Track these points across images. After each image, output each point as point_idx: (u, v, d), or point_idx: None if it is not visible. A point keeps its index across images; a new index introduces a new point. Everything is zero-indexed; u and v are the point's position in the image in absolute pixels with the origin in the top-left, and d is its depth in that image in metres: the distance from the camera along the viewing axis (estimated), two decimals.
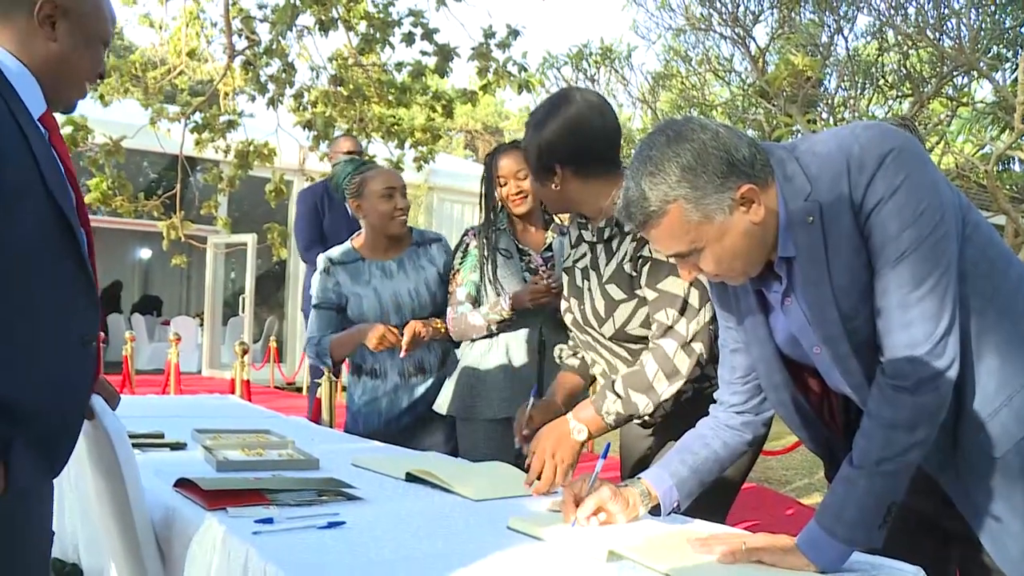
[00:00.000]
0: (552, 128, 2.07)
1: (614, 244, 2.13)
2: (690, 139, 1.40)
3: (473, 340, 2.90)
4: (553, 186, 2.11)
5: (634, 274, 2.08)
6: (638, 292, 2.07)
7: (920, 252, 1.34)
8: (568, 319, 2.28)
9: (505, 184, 2.84)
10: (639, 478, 1.72)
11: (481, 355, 2.87)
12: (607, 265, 2.13)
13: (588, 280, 2.18)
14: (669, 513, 1.71)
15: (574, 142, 2.06)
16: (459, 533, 1.58)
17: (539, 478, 1.96)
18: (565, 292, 2.29)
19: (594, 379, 2.34)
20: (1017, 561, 1.44)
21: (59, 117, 6.26)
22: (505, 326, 2.83)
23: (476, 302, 2.90)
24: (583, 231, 2.24)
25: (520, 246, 2.91)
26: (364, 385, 3.07)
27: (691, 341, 1.97)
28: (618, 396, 2.01)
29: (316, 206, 4.88)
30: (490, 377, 2.84)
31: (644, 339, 2.09)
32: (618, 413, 2.00)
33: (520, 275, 2.85)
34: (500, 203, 2.89)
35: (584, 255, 2.23)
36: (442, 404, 2.92)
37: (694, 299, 1.99)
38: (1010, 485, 1.43)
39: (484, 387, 2.83)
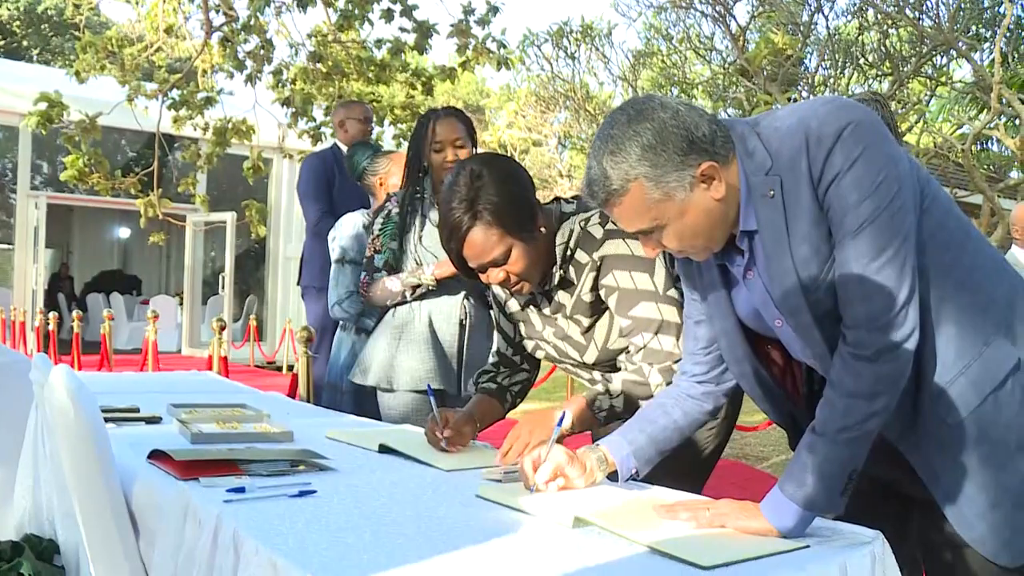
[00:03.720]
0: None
1: (571, 283, 2.07)
2: (650, 118, 1.41)
3: (388, 306, 2.88)
4: (539, 231, 1.98)
5: (594, 300, 2.04)
6: (603, 308, 2.06)
7: (878, 223, 1.36)
8: (540, 355, 2.25)
9: (441, 151, 2.78)
10: (597, 444, 1.74)
11: (403, 324, 2.85)
12: (570, 299, 2.07)
13: (554, 323, 2.13)
14: (627, 480, 1.74)
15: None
16: (429, 501, 1.60)
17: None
18: (524, 332, 2.23)
19: (513, 405, 2.31)
20: (974, 524, 1.47)
21: (34, 95, 6.21)
22: (422, 294, 2.80)
23: (393, 271, 2.85)
24: (536, 292, 2.14)
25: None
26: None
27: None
28: (613, 396, 2.01)
29: (326, 173, 4.60)
30: (412, 348, 2.82)
31: (623, 351, 2.09)
32: (612, 409, 2.00)
33: None
34: (428, 168, 2.83)
35: (540, 305, 2.15)
36: (362, 375, 2.92)
37: (672, 316, 1.97)
38: (967, 451, 1.46)
39: (406, 358, 2.81)
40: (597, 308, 2.06)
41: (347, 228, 3.29)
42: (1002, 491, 1.46)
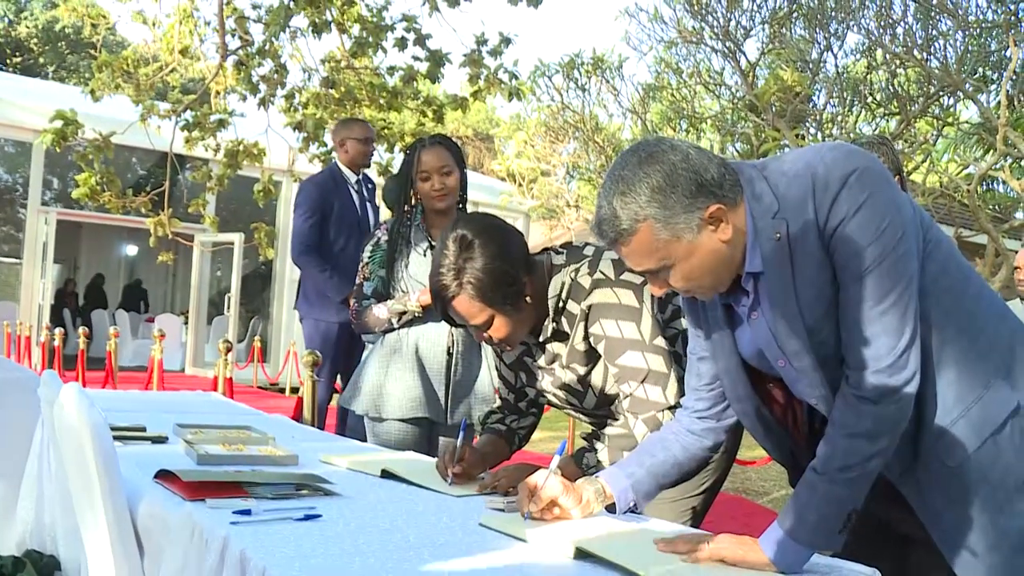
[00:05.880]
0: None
1: (565, 334, 2.09)
2: (661, 160, 1.45)
3: (376, 333, 2.91)
4: (524, 302, 2.01)
5: (588, 349, 2.07)
6: (598, 356, 2.08)
7: (882, 268, 1.39)
8: (543, 401, 2.29)
9: (428, 179, 2.83)
10: (596, 476, 1.76)
11: (391, 351, 2.88)
12: (565, 349, 2.10)
13: (552, 372, 2.16)
14: (625, 512, 1.75)
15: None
16: (432, 527, 1.62)
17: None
18: (525, 380, 2.26)
19: (519, 447, 2.34)
20: (972, 566, 1.49)
21: (50, 111, 6.26)
22: (408, 321, 2.84)
23: (382, 298, 2.89)
24: (529, 344, 2.19)
25: (434, 244, 2.81)
26: None
27: (674, 406, 1.96)
28: (599, 451, 2.05)
29: (322, 203, 4.45)
30: (399, 375, 2.85)
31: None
32: (599, 464, 2.03)
33: None
34: (417, 198, 2.88)
35: (536, 357, 2.18)
36: (350, 401, 2.95)
37: (659, 365, 1.99)
38: (966, 493, 1.48)
39: (393, 386, 2.85)
40: (592, 356, 2.08)
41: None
42: (1001, 534, 1.47)
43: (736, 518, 5.12)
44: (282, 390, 12.07)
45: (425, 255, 2.84)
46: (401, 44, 7.57)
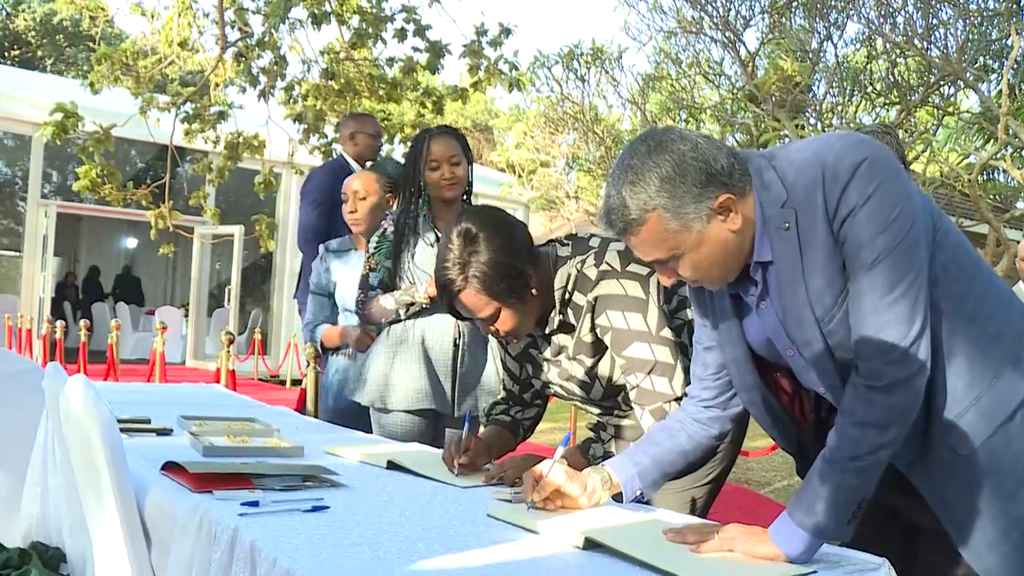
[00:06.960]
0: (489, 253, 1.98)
1: (571, 326, 2.09)
2: (670, 150, 1.44)
3: (384, 323, 2.92)
4: (530, 294, 2.01)
5: (595, 340, 2.07)
6: (605, 347, 2.08)
7: (892, 257, 1.38)
8: (549, 392, 2.29)
9: (437, 168, 2.83)
10: (603, 465, 1.76)
11: (397, 342, 2.88)
12: (571, 341, 2.10)
13: (558, 364, 2.15)
14: (632, 501, 1.76)
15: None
16: (439, 519, 1.62)
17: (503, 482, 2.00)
18: (531, 371, 2.26)
19: (524, 438, 2.34)
20: (983, 554, 1.49)
21: (49, 104, 6.26)
22: (415, 312, 2.83)
23: (388, 289, 2.88)
24: (535, 336, 2.19)
25: (440, 234, 2.81)
26: (338, 363, 3.37)
27: (680, 397, 1.96)
28: (606, 441, 2.06)
29: (331, 191, 4.29)
30: (406, 367, 2.85)
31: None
32: (606, 455, 2.04)
33: None
34: (424, 187, 2.87)
35: (541, 348, 2.18)
36: (357, 392, 2.95)
37: (666, 356, 1.99)
38: (977, 482, 1.48)
39: (400, 377, 2.85)
40: (599, 348, 2.08)
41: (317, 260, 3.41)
42: (1011, 522, 1.48)
43: (740, 508, 5.13)
44: (283, 382, 12.07)
45: (432, 246, 2.83)
46: (400, 35, 7.56)
